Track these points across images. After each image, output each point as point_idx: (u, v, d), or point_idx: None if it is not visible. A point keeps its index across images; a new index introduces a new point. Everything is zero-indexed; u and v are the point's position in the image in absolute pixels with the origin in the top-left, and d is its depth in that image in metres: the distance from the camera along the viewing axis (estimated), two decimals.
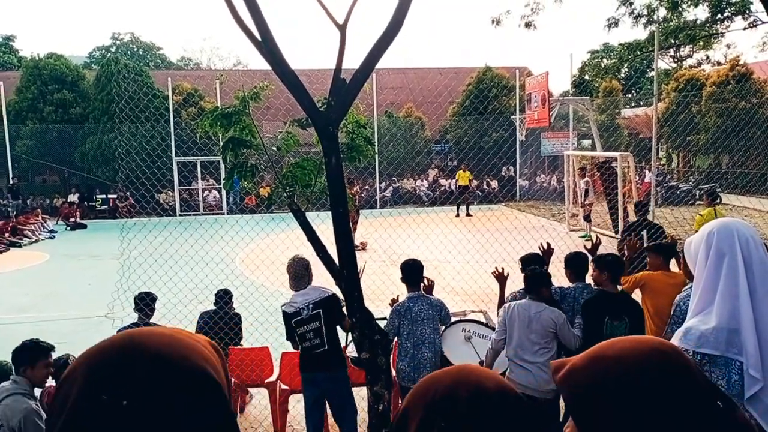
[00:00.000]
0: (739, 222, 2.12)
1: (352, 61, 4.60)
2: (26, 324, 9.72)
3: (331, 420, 5.35)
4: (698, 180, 24.11)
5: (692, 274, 2.62)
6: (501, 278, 5.27)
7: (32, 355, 3.99)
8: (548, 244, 5.47)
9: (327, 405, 5.11)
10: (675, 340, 2.11)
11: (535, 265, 5.03)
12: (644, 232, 8.48)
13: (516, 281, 5.36)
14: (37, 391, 4.37)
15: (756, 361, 1.93)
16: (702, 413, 0.92)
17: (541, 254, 5.37)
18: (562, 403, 4.37)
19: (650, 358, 0.96)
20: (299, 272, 4.93)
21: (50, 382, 4.34)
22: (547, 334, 4.42)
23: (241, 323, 6.67)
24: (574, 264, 5.07)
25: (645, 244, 7.48)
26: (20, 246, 18.05)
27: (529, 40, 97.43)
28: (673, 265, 5.57)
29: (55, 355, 4.32)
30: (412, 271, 5.09)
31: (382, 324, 5.03)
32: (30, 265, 15.24)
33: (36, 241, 18.80)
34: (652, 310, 5.06)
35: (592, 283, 5.03)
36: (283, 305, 4.99)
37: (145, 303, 5.84)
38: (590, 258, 5.17)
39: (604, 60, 36.52)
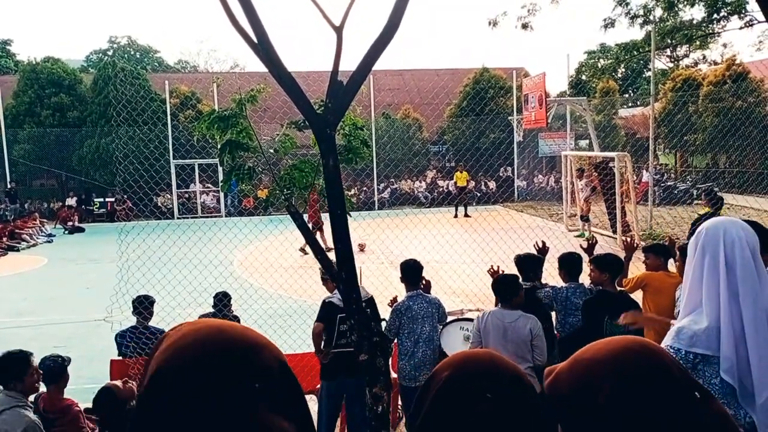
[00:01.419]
0: (730, 222, 2.10)
1: (350, 63, 4.61)
2: (25, 328, 9.72)
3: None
4: (696, 179, 24.16)
5: None
6: (495, 276, 5.27)
7: (18, 369, 3.86)
8: (543, 243, 5.48)
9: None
10: (668, 339, 2.11)
11: (530, 264, 5.03)
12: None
13: None
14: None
15: (731, 366, 1.93)
16: (680, 406, 0.94)
17: (536, 254, 5.38)
18: None
19: (624, 358, 0.97)
20: None
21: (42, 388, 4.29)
22: (524, 342, 4.36)
23: None
24: (568, 264, 5.07)
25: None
26: (18, 250, 18.02)
27: (526, 41, 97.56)
28: (671, 266, 5.58)
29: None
30: (411, 271, 5.11)
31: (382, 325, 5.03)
32: (28, 269, 15.23)
33: (34, 245, 18.78)
34: (654, 309, 5.05)
35: (586, 283, 5.03)
36: (329, 298, 4.98)
37: (143, 306, 5.85)
38: (586, 258, 5.18)
39: (601, 60, 36.61)
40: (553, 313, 5.07)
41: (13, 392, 3.81)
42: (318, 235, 15.05)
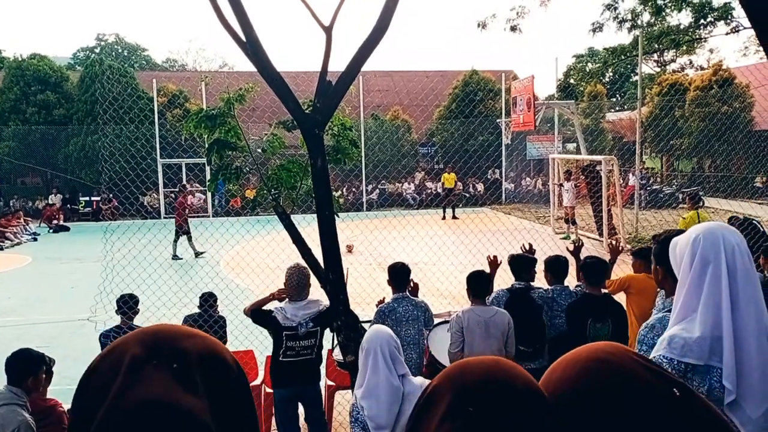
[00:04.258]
0: (726, 228, 2.09)
1: (339, 64, 4.60)
2: (8, 327, 9.60)
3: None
4: (681, 183, 24.37)
5: (660, 282, 2.63)
6: (494, 265, 5.26)
7: (40, 366, 3.87)
8: (530, 245, 5.50)
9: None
10: (659, 349, 2.09)
11: (524, 264, 5.03)
12: None
13: (501, 281, 5.37)
14: None
15: (730, 372, 1.92)
16: (652, 408, 0.92)
17: (530, 255, 5.38)
18: None
19: (588, 370, 0.97)
20: (302, 282, 4.82)
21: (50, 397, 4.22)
22: (502, 336, 4.42)
23: (225, 326, 6.63)
24: (554, 267, 5.09)
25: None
26: (2, 249, 17.83)
27: (515, 44, 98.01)
28: None
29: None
30: (398, 274, 5.07)
31: (367, 327, 5.01)
32: (12, 268, 15.06)
33: (18, 244, 18.59)
34: (637, 311, 5.09)
35: (571, 285, 5.05)
36: (275, 311, 4.82)
37: (128, 306, 5.79)
38: (573, 260, 5.20)
39: (589, 64, 36.86)
40: None
41: (19, 390, 3.76)
42: (186, 240, 14.84)
